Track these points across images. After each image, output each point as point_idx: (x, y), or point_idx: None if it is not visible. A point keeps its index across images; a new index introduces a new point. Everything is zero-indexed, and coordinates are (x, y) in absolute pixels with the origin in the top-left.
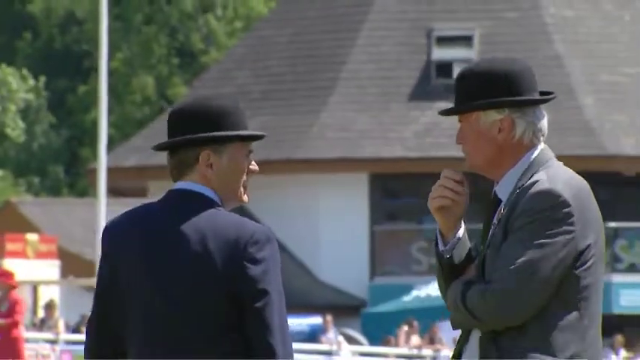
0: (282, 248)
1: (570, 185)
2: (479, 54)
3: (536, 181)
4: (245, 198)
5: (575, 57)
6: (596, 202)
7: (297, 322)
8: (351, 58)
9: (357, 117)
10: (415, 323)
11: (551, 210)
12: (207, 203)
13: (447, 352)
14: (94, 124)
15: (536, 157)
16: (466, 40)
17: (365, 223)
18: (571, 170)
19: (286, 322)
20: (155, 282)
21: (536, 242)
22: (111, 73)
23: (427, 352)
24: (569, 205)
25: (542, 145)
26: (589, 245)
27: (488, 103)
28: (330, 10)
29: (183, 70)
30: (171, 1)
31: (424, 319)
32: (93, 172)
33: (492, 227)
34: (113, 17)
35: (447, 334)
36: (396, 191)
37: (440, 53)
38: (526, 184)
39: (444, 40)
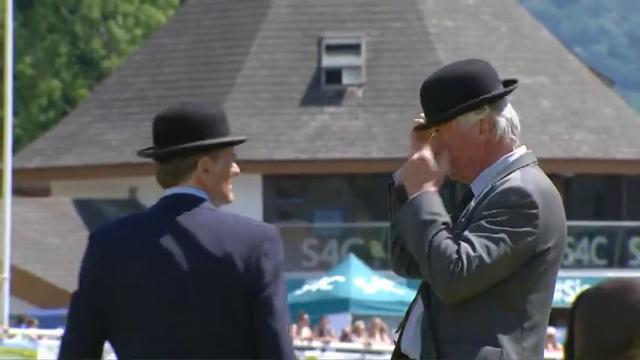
0: None
1: (540, 188)
2: (366, 61)
3: (509, 179)
4: (231, 197)
5: None
6: (563, 209)
7: None
8: (245, 65)
9: (251, 121)
10: (305, 316)
11: (518, 207)
12: (209, 206)
13: (336, 343)
14: (0, 127)
15: (514, 160)
16: (354, 48)
17: None
18: (546, 176)
19: (287, 312)
20: (172, 286)
21: (494, 235)
22: (17, 77)
23: (317, 343)
24: (536, 207)
25: (523, 150)
26: (547, 249)
27: (469, 105)
28: (225, 19)
29: (85, 76)
30: (75, 11)
31: (314, 312)
32: None
33: (460, 219)
34: (19, 24)
35: (336, 326)
36: (288, 191)
37: (329, 60)
38: (498, 182)
39: (333, 48)
